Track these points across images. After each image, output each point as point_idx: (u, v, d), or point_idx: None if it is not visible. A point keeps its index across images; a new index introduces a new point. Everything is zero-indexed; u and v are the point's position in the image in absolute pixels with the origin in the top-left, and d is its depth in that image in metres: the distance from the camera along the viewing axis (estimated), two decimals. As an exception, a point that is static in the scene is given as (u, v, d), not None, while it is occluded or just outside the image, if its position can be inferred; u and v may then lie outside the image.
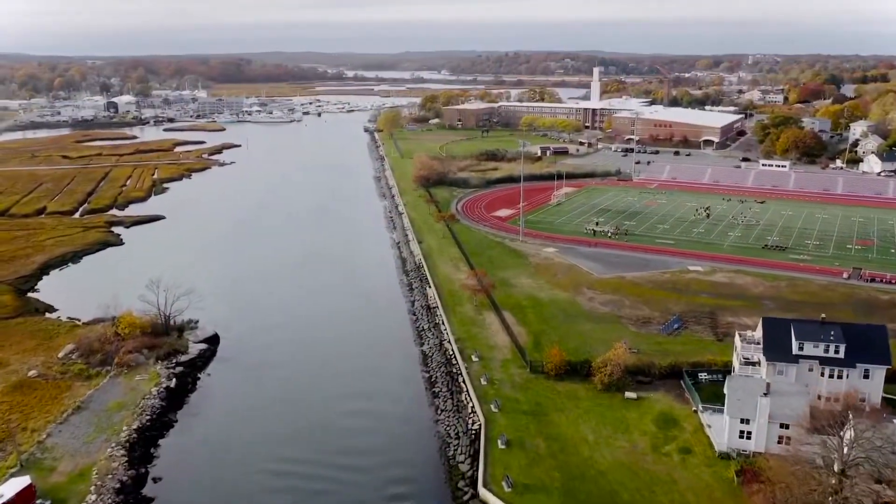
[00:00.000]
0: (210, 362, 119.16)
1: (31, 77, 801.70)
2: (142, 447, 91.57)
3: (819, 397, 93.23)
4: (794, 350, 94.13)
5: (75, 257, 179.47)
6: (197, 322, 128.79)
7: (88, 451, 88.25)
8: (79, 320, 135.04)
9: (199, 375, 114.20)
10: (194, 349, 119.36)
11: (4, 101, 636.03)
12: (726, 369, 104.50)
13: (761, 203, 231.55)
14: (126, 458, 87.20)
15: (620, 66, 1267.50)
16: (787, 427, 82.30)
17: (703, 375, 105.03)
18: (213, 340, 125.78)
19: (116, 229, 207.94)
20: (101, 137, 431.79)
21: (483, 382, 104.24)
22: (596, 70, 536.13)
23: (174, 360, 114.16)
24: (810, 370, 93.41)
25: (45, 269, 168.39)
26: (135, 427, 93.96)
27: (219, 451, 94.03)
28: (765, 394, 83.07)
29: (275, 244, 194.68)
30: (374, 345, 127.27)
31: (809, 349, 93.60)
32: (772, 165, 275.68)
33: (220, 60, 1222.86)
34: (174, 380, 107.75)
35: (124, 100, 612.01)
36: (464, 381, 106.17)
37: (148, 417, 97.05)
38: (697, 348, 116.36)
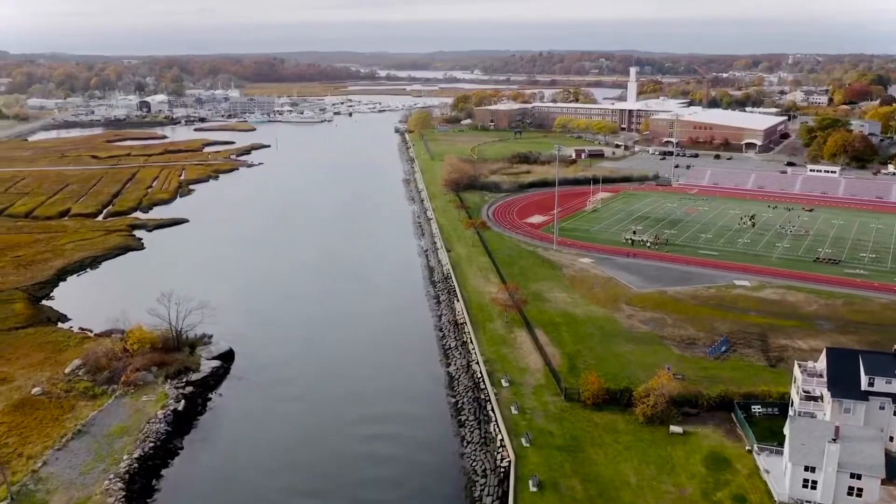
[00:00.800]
0: (223, 381, 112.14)
1: (69, 76, 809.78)
2: (142, 479, 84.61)
3: (891, 439, 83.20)
4: (864, 386, 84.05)
5: (94, 262, 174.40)
6: (211, 337, 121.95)
7: (84, 484, 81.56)
8: (90, 331, 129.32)
9: (209, 396, 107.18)
10: (206, 366, 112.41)
11: (42, 100, 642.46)
12: (783, 402, 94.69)
13: (810, 211, 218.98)
14: (124, 493, 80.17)
15: (656, 66, 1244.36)
16: (859, 478, 72.50)
17: (756, 408, 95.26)
18: (228, 356, 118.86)
19: (138, 233, 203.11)
20: (131, 137, 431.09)
21: (513, 411, 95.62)
22: (632, 70, 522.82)
23: (184, 379, 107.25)
24: (881, 409, 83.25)
25: (62, 275, 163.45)
26: (136, 455, 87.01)
27: (226, 484, 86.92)
28: (833, 439, 73.23)
29: (298, 251, 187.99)
30: (397, 364, 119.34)
31: (881, 385, 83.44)
32: (820, 171, 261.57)
33: (253, 60, 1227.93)
34: (182, 401, 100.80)
35: (157, 99, 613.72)
36: (492, 410, 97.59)
37: (151, 444, 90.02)
38: (748, 375, 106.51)
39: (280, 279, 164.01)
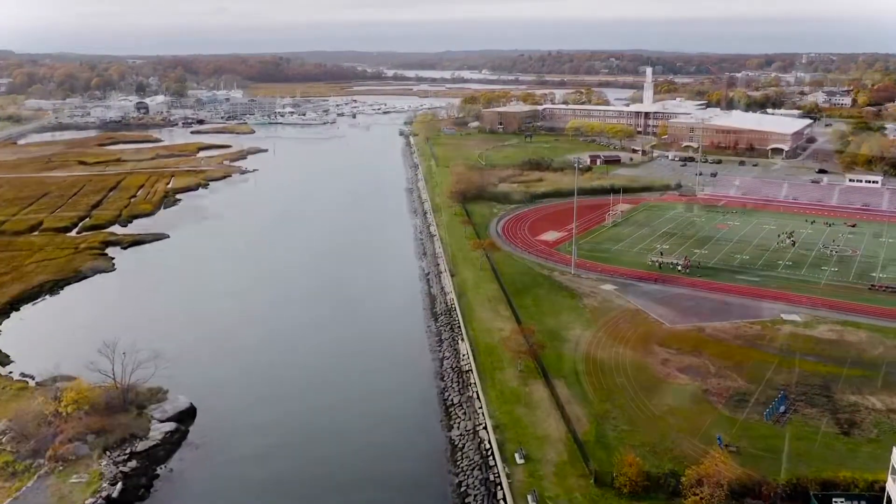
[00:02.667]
0: (177, 449, 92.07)
1: (70, 76, 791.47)
2: None
3: None
4: None
5: (55, 288, 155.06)
6: (167, 392, 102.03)
7: None
8: (31, 378, 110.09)
9: (157, 472, 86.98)
10: (157, 431, 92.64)
11: (40, 101, 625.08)
12: (873, 494, 74.54)
13: (852, 227, 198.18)
14: None
15: (667, 65, 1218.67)
16: None
17: (838, 501, 75.28)
18: (188, 415, 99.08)
19: (112, 251, 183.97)
20: (124, 140, 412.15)
21: (531, 503, 75.97)
22: (648, 70, 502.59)
23: (127, 450, 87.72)
24: None
25: (16, 304, 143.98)
26: (47, 570, 67.87)
27: None
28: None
29: (284, 275, 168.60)
30: (390, 428, 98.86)
31: None
32: (860, 181, 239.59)
33: (259, 59, 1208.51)
34: (119, 483, 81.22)
35: (157, 100, 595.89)
36: (504, 500, 77.93)
37: (70, 551, 70.84)
38: (818, 447, 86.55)
39: (261, 311, 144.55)
